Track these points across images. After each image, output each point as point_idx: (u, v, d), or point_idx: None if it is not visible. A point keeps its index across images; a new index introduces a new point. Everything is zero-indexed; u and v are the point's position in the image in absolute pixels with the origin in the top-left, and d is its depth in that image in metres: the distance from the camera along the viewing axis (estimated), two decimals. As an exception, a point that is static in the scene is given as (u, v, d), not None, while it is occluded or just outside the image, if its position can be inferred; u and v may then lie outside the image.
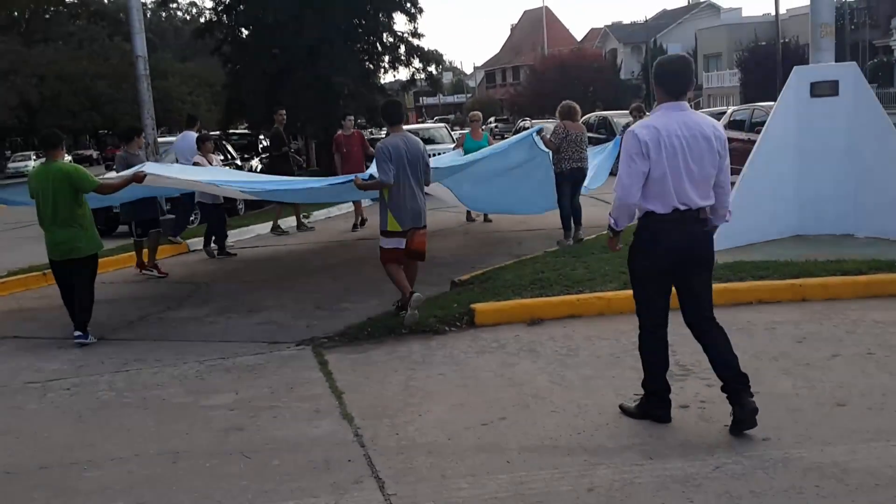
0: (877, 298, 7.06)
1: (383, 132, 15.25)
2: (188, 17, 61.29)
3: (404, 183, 7.21)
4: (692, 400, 5.04)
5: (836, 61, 9.27)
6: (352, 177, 8.29)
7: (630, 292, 4.88)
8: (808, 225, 9.11)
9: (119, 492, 4.33)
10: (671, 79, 4.48)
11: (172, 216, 13.07)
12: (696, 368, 5.51)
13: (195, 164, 11.58)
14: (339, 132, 14.05)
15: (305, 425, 5.10)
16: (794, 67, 9.32)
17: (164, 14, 60.32)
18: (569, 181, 10.62)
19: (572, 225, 10.66)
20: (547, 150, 10.65)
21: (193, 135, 12.89)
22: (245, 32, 23.95)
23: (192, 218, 13.81)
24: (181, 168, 10.84)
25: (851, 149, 8.86)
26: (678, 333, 4.88)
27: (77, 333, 7.50)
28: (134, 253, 11.13)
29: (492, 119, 62.74)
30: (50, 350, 7.38)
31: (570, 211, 10.67)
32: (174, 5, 36.29)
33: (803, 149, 8.98)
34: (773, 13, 39.70)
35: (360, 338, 6.94)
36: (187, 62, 58.22)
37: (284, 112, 14.93)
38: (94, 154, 62.75)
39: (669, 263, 4.49)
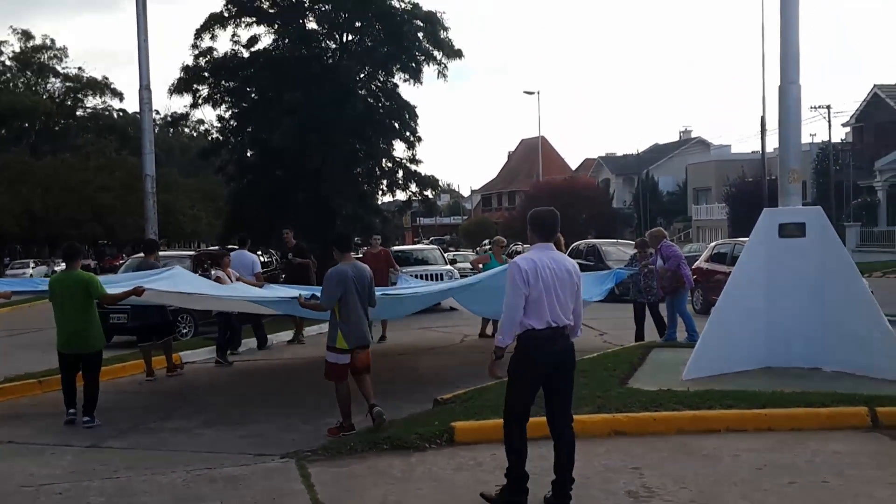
0: (838, 430, 7.38)
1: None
2: (195, 134, 63.17)
3: (353, 305, 7.94)
4: (653, 520, 5.32)
5: (821, 199, 9.92)
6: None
7: (608, 416, 6.22)
8: (777, 357, 9.51)
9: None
10: (542, 226, 5.70)
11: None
12: (661, 491, 5.81)
13: (216, 279, 12.12)
14: (367, 249, 14.88)
15: (286, 533, 5.35)
16: (764, 209, 9.95)
17: (171, 130, 62.22)
18: None
19: None
20: None
21: (249, 254, 13.72)
22: (250, 153, 24.90)
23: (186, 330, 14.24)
24: (180, 283, 11.28)
25: (817, 287, 9.36)
26: (648, 457, 5.20)
27: (86, 419, 8.68)
28: (124, 365, 11.58)
29: (486, 241, 63.88)
30: (43, 455, 7.62)
31: None
32: (183, 122, 37.54)
33: (773, 285, 9.48)
34: (760, 151, 41.20)
35: (342, 452, 7.20)
36: (191, 177, 59.72)
37: (291, 232, 15.54)
38: (93, 264, 63.26)
39: (546, 368, 5.58)
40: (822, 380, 8.89)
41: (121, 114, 63.12)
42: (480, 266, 14.74)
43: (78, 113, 62.33)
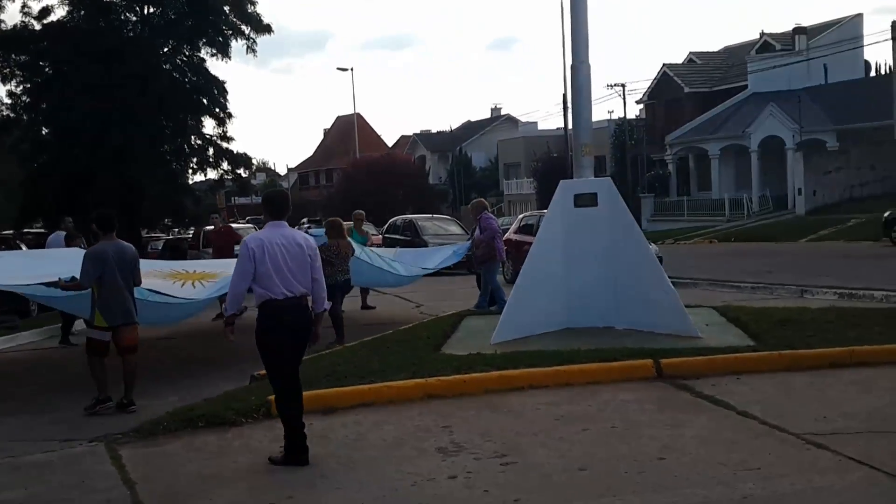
0: (629, 382, 8.08)
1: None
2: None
3: (111, 283, 8.22)
4: (460, 471, 5.68)
5: (619, 172, 10.68)
6: None
7: (421, 381, 6.92)
8: (576, 318, 10.21)
9: None
10: (273, 206, 6.29)
11: None
12: (468, 446, 6.19)
13: None
14: (210, 229, 14.71)
15: (97, 515, 5.29)
16: (561, 181, 10.60)
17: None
18: (340, 291, 11.76)
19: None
20: None
21: (62, 234, 13.84)
22: (45, 131, 23.50)
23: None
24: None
25: (609, 252, 10.12)
26: (457, 416, 5.53)
27: None
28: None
29: (305, 220, 63.30)
30: None
31: (341, 318, 11.61)
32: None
33: (569, 252, 10.16)
34: (563, 128, 43.25)
35: (155, 433, 7.10)
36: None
37: (71, 220, 14.94)
38: None
39: (287, 333, 6.04)
40: (615, 337, 9.65)
41: None
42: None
43: None
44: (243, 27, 22.57)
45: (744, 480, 5.27)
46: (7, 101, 24.38)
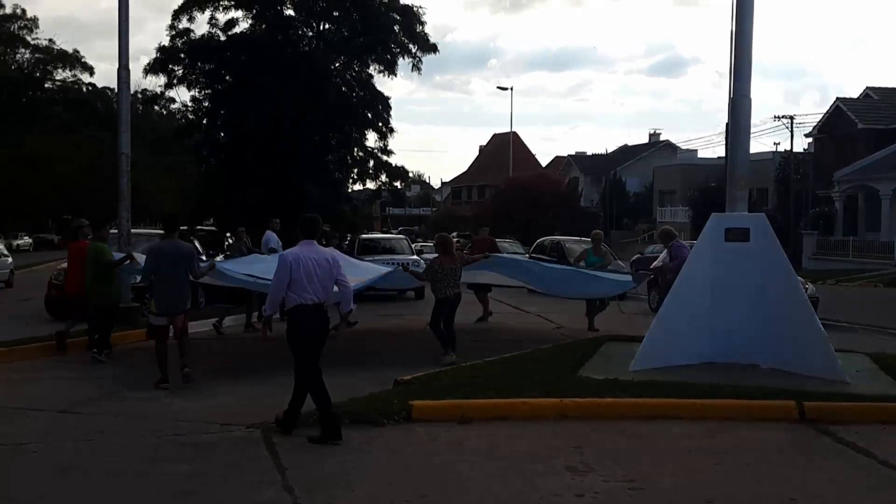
0: (768, 421, 7.97)
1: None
2: (164, 113, 62.87)
3: (165, 278, 9.61)
4: (588, 491, 5.84)
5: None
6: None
7: (556, 400, 7.88)
8: (718, 353, 10.09)
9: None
10: (306, 228, 7.48)
11: None
12: (597, 467, 6.35)
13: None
14: (475, 238, 16.30)
15: (251, 493, 5.81)
16: (712, 214, 10.52)
17: (140, 108, 61.92)
18: (446, 306, 11.54)
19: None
20: None
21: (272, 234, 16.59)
22: (222, 135, 25.16)
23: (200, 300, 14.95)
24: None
25: (758, 289, 9.95)
26: (590, 438, 5.69)
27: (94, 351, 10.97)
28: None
29: (454, 233, 64.42)
30: (15, 419, 7.96)
31: (446, 333, 11.50)
32: (156, 102, 37.68)
33: (717, 286, 10.06)
34: (724, 157, 42.12)
35: (306, 425, 7.60)
36: (161, 155, 59.43)
37: (279, 221, 16.74)
38: (56, 239, 62.33)
39: (314, 332, 7.22)
40: (758, 375, 9.49)
41: (90, 88, 62.53)
42: (581, 263, 15.33)
43: (46, 85, 61.70)
44: (411, 46, 23.46)
45: (877, 531, 5.18)
46: (191, 105, 26.28)
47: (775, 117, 49.42)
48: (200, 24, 23.92)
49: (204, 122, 25.23)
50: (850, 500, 5.74)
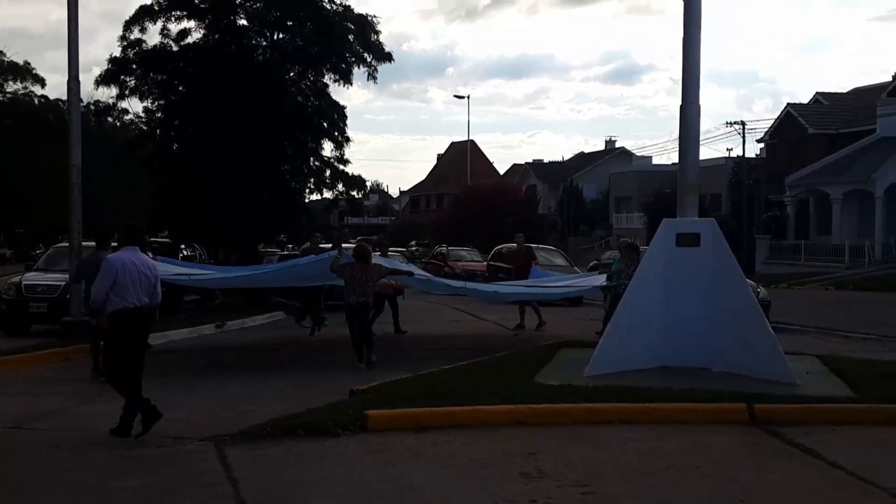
0: (719, 424, 8.09)
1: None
2: (118, 124, 61.99)
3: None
4: (541, 496, 5.89)
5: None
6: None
7: (511, 407, 7.96)
8: (672, 357, 10.23)
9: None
10: (130, 234, 8.21)
11: None
12: (552, 473, 6.40)
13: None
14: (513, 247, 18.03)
15: (203, 506, 5.75)
16: (664, 220, 10.68)
17: (93, 120, 60.98)
18: (353, 312, 11.74)
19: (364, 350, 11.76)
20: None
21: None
22: (176, 146, 24.85)
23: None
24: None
25: (709, 293, 10.12)
26: (544, 444, 5.74)
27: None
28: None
29: (413, 242, 64.37)
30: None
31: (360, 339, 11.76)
32: (108, 114, 37.19)
33: (669, 290, 10.21)
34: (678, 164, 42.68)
35: (260, 436, 7.58)
36: (115, 167, 58.47)
37: (320, 235, 17.66)
38: (8, 253, 60.78)
39: (133, 332, 7.75)
40: (710, 379, 9.63)
41: (42, 100, 61.39)
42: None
43: (-4, 98, 60.44)
44: (366, 55, 23.40)
45: (823, 529, 5.29)
46: (143, 116, 25.93)
47: (728, 123, 50.33)
48: (152, 35, 23.59)
49: (157, 132, 24.89)
50: (798, 500, 5.86)
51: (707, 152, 53.04)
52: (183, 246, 24.13)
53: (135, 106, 28.28)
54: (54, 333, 13.75)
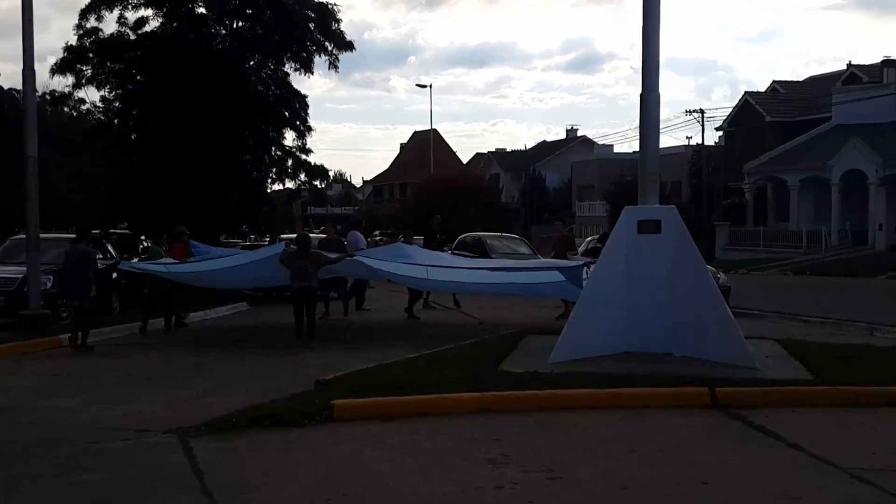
0: (682, 408, 8.20)
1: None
2: (74, 114, 60.88)
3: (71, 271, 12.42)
4: (507, 482, 5.93)
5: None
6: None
7: (477, 395, 8.03)
8: (635, 343, 10.32)
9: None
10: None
11: None
12: (517, 459, 6.44)
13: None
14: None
15: (168, 499, 5.71)
16: (625, 207, 10.76)
17: (49, 109, 59.77)
18: (299, 296, 12.88)
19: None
20: None
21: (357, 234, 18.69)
22: (134, 136, 24.50)
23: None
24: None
25: (670, 279, 10.22)
26: (509, 431, 5.78)
27: None
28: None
29: (377, 232, 64.22)
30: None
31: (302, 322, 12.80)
32: (64, 103, 36.53)
33: (631, 277, 10.30)
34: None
35: (224, 428, 7.53)
36: (72, 157, 57.43)
37: (440, 217, 18.49)
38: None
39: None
40: (672, 363, 9.74)
41: (-6, 90, 60.09)
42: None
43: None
44: (326, 44, 23.24)
45: (783, 509, 5.39)
46: (100, 106, 25.49)
47: (687, 111, 50.83)
48: (109, 23, 23.19)
49: (115, 122, 24.50)
50: (759, 481, 5.96)
51: (667, 140, 53.66)
52: (143, 237, 23.79)
53: (92, 95, 27.80)
54: (12, 327, 13.52)
